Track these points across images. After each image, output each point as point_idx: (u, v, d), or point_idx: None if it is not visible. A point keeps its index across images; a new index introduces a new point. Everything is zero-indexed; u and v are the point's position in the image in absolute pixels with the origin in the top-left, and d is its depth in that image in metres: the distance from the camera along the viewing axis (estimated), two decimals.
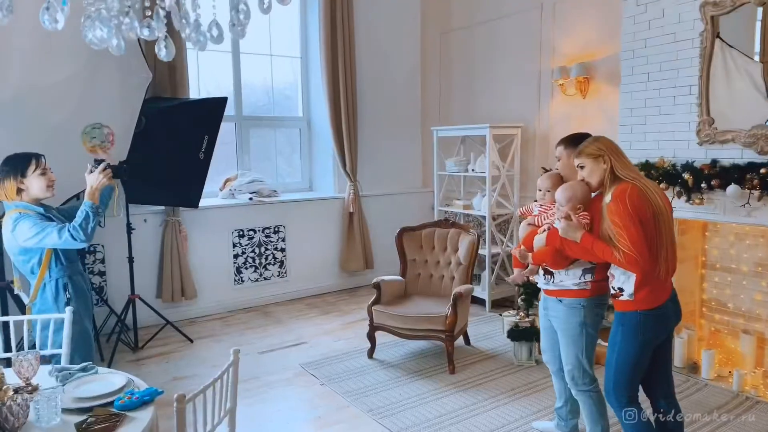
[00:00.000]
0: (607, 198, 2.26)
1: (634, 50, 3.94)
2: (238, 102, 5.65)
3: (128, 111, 3.82)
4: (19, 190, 2.54)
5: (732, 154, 3.44)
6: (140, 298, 4.38)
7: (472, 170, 5.27)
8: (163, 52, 1.76)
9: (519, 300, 4.48)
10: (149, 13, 1.63)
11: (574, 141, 2.57)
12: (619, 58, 4.11)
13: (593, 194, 2.47)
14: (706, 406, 3.27)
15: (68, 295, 2.58)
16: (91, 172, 2.65)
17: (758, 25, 3.37)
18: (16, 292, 2.88)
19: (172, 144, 4.29)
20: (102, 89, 3.68)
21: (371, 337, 4.05)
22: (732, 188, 3.26)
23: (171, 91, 4.77)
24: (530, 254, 2.60)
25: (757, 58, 3.41)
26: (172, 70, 4.75)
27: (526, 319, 4.32)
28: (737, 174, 3.30)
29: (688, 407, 3.22)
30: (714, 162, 3.45)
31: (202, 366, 4.00)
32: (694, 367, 3.72)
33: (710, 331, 3.96)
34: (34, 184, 2.56)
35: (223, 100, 4.48)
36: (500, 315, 4.81)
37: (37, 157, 2.58)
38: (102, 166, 2.67)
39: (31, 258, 2.55)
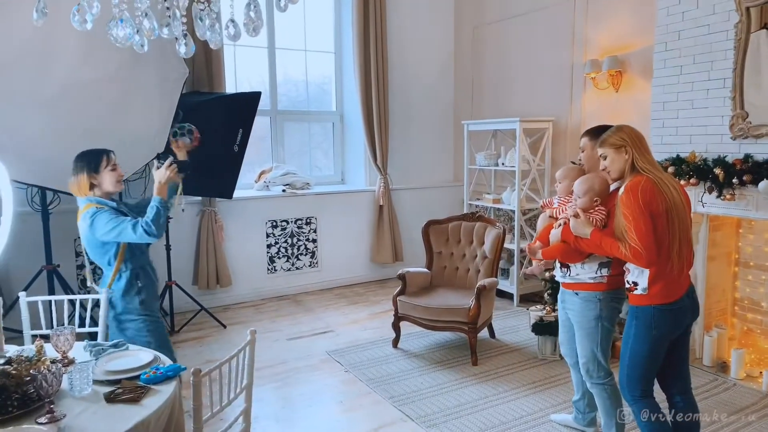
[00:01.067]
0: (621, 190, 2.26)
1: (667, 42, 3.86)
2: (273, 96, 5.80)
3: (166, 105, 4.00)
4: (92, 186, 2.65)
5: (766, 149, 3.34)
6: (177, 285, 4.59)
7: (502, 164, 5.26)
8: (183, 49, 1.87)
9: (546, 294, 4.47)
10: (168, 14, 1.73)
11: (599, 132, 2.56)
12: (652, 51, 4.04)
13: (613, 187, 2.47)
14: (733, 406, 3.20)
15: (140, 284, 2.72)
16: (158, 168, 2.70)
17: None
18: (89, 285, 3.03)
19: (207, 137, 4.44)
20: (141, 85, 3.87)
21: (396, 327, 4.13)
22: (764, 183, 3.18)
23: (208, 86, 4.95)
24: (540, 251, 2.62)
25: None
26: (209, 65, 4.93)
27: (552, 314, 4.31)
28: None
29: (714, 406, 3.17)
30: (747, 157, 3.37)
31: (234, 350, 4.15)
32: (723, 366, 3.65)
33: (742, 331, 3.86)
34: (106, 179, 2.66)
35: (257, 95, 4.62)
36: (527, 309, 4.82)
37: (108, 153, 2.70)
38: (168, 161, 2.72)
39: (108, 251, 2.67)
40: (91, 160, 2.66)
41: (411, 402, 3.33)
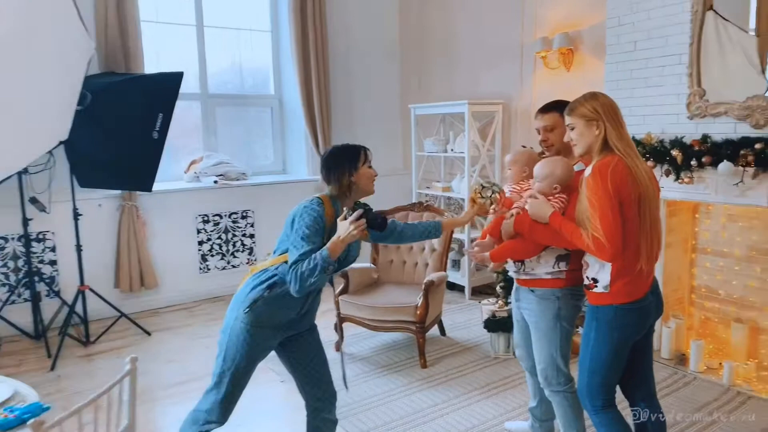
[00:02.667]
0: (588, 171, 1.96)
1: (620, 17, 3.62)
2: (203, 79, 5.30)
3: (67, 85, 3.48)
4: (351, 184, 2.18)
5: (725, 128, 3.15)
6: (91, 289, 4.08)
7: (452, 150, 4.97)
8: None
9: (498, 287, 4.21)
10: None
11: (565, 106, 2.25)
12: (605, 27, 3.80)
13: (577, 167, 2.18)
14: (695, 402, 3.02)
15: (266, 294, 2.10)
16: (344, 218, 2.02)
17: None
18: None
19: (121, 122, 3.96)
20: (34, 60, 3.33)
21: (339, 329, 3.78)
22: (724, 165, 2.98)
23: (125, 66, 4.43)
24: (487, 254, 2.30)
25: (752, 32, 3.13)
26: (124, 43, 4.41)
27: (505, 308, 4.06)
28: (730, 150, 3.02)
29: (674, 404, 2.98)
30: (705, 137, 3.17)
31: (157, 361, 3.72)
32: (682, 359, 3.47)
33: (700, 320, 3.71)
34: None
35: (178, 75, 4.14)
36: (479, 303, 4.56)
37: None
38: (356, 214, 2.00)
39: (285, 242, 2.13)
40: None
41: (353, 415, 2.99)
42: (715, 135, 3.15)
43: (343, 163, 2.18)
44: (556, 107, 2.29)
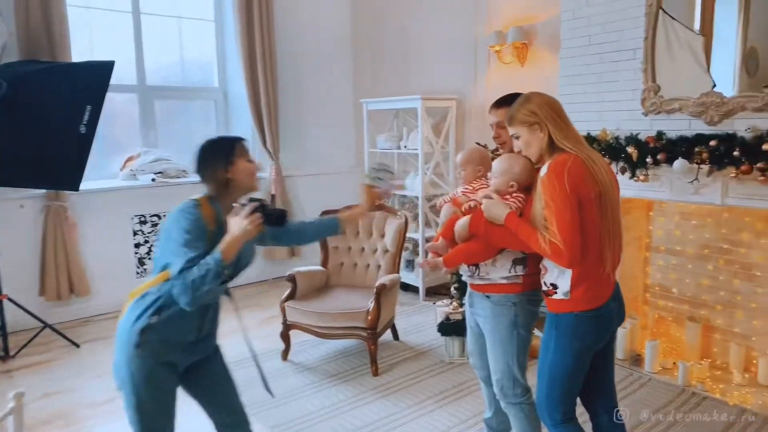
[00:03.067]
0: (543, 170, 1.82)
1: (574, 10, 3.53)
2: (141, 70, 4.95)
3: None
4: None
5: (679, 125, 3.10)
6: (10, 299, 3.71)
7: (405, 147, 4.80)
8: None
9: (453, 288, 4.08)
10: None
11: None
12: (559, 20, 3.71)
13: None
14: (651, 405, 2.95)
15: (154, 320, 1.84)
16: (236, 213, 1.79)
17: None
18: None
19: (44, 115, 3.61)
20: None
21: (285, 337, 3.56)
22: (679, 162, 2.92)
23: (49, 54, 4.05)
24: (440, 260, 2.14)
25: (697, 32, 3.11)
26: (49, 29, 4.03)
27: (459, 310, 3.93)
28: (685, 147, 2.96)
29: (631, 407, 2.89)
30: (660, 134, 3.10)
31: (83, 377, 3.40)
32: (637, 359, 3.42)
33: (654, 319, 3.67)
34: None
35: (108, 65, 3.82)
36: (434, 304, 4.42)
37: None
38: (250, 207, 1.76)
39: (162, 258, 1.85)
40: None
41: (298, 431, 2.78)
42: (669, 132, 3.09)
43: (217, 158, 1.92)
44: (510, 102, 2.13)
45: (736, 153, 2.73)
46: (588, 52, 3.46)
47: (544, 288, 1.94)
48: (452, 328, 3.51)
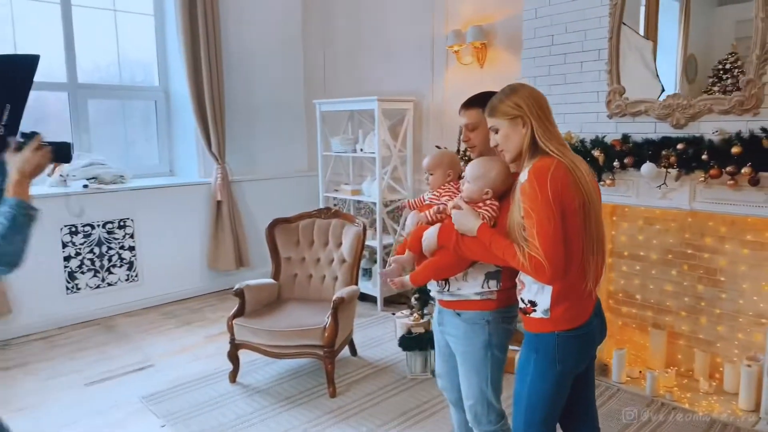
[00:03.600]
0: (523, 175, 1.63)
1: (536, 9, 3.41)
2: (71, 66, 4.53)
3: None
4: None
5: (645, 128, 3.02)
6: None
7: (361, 150, 4.58)
8: None
9: (413, 299, 3.88)
10: None
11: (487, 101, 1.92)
12: (520, 20, 3.59)
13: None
14: (622, 419, 2.84)
15: None
16: (18, 149, 1.58)
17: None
18: None
19: None
20: None
21: (233, 358, 3.26)
22: (647, 166, 2.83)
23: None
24: (407, 278, 1.94)
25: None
26: None
27: (420, 321, 3.74)
28: (651, 150, 2.88)
29: (601, 420, 2.76)
30: (625, 137, 3.02)
31: (2, 410, 2.99)
32: (604, 369, 3.31)
33: (618, 326, 3.58)
34: None
35: (32, 59, 3.39)
36: (392, 315, 4.21)
37: None
38: (36, 141, 1.60)
39: None
40: None
41: None
42: (634, 135, 3.01)
43: None
44: (479, 102, 1.94)
45: (704, 157, 2.66)
46: (552, 52, 3.35)
47: (521, 305, 1.76)
48: (414, 342, 3.31)
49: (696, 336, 3.26)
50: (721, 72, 2.87)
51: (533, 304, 1.70)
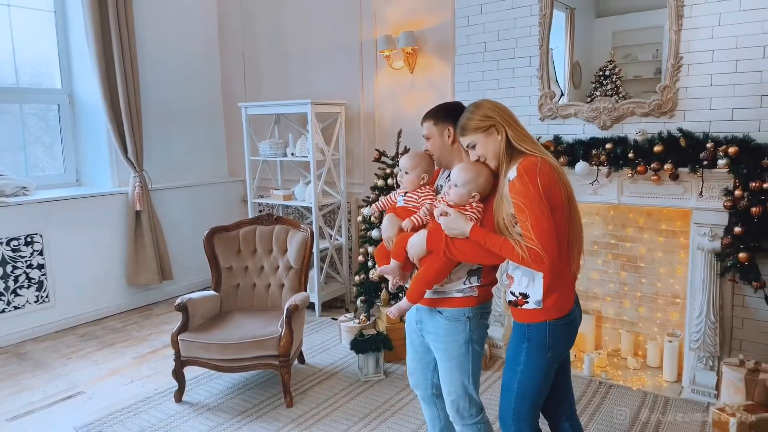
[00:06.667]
0: (511, 173, 1.71)
1: (469, 17, 3.58)
2: None
3: None
4: None
5: (574, 130, 3.27)
6: None
7: (292, 154, 4.50)
8: None
9: (358, 302, 3.89)
10: None
11: (447, 112, 1.99)
12: (450, 27, 3.75)
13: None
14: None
15: None
16: None
17: None
18: None
19: None
20: None
21: (179, 375, 3.07)
22: (581, 165, 3.07)
23: None
24: (404, 303, 1.96)
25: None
26: None
27: (367, 323, 3.77)
28: (582, 150, 3.13)
29: None
30: (557, 138, 3.25)
31: None
32: None
33: None
34: None
35: None
36: (334, 320, 4.20)
37: None
38: None
39: None
40: None
41: None
42: (565, 136, 3.25)
43: None
44: (429, 115, 2.03)
45: (630, 155, 2.94)
46: (485, 58, 3.53)
47: (511, 298, 1.85)
48: (367, 344, 3.32)
49: (621, 318, 3.58)
50: (602, 78, 3.22)
51: (525, 296, 1.80)
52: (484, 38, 3.53)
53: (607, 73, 3.21)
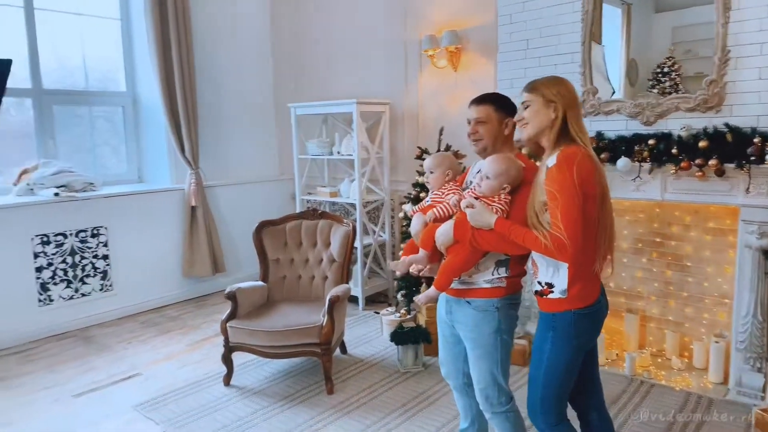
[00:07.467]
0: (551, 160, 1.75)
1: (511, 15, 3.60)
2: (36, 71, 4.38)
3: None
4: None
5: (617, 126, 3.24)
6: None
7: (338, 152, 4.64)
8: None
9: (399, 296, 3.98)
10: None
11: (506, 103, 2.07)
12: (493, 26, 3.78)
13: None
14: (607, 396, 2.99)
15: None
16: None
17: None
18: None
19: None
20: None
21: (227, 360, 3.25)
22: (623, 161, 3.05)
23: None
24: (432, 290, 2.03)
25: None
26: None
27: (408, 316, 3.85)
28: (625, 146, 3.10)
29: None
30: (600, 134, 3.23)
31: None
32: None
33: None
34: None
35: (4, 63, 3.31)
36: (377, 313, 4.30)
37: None
38: None
39: None
40: None
41: None
42: (607, 132, 3.23)
43: None
44: (491, 100, 2.09)
45: (674, 151, 2.89)
46: (527, 56, 3.54)
47: (537, 288, 1.89)
48: (406, 336, 3.40)
49: (666, 318, 3.50)
50: (660, 75, 3.14)
51: (550, 285, 1.84)
52: (526, 35, 3.54)
53: (666, 69, 3.13)
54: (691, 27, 3.12)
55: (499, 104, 2.05)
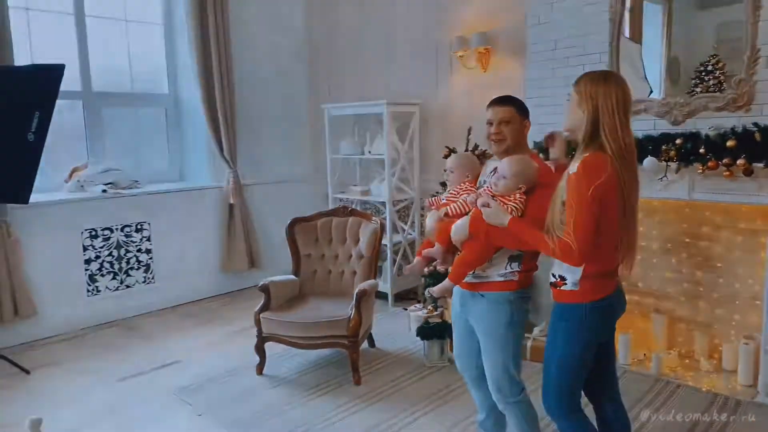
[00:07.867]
0: (573, 167, 1.79)
1: (539, 15, 3.64)
2: (86, 75, 4.65)
3: None
4: None
5: (644, 125, 3.24)
6: None
7: (369, 152, 4.76)
8: None
9: (426, 292, 4.06)
10: None
11: (525, 107, 2.17)
12: (521, 26, 3.82)
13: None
14: (631, 396, 3.03)
15: None
16: None
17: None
18: None
19: None
20: None
21: (260, 350, 3.41)
22: (649, 160, 3.05)
23: None
24: (447, 283, 2.12)
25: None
26: None
27: (435, 313, 3.92)
28: (651, 146, 3.10)
29: None
30: None
31: (44, 407, 3.09)
32: None
33: None
34: None
35: (58, 68, 3.56)
36: (405, 310, 4.39)
37: None
38: None
39: None
40: None
41: None
42: (635, 132, 3.21)
43: None
44: (512, 101, 2.16)
45: (701, 150, 2.88)
46: (554, 56, 3.57)
47: (552, 279, 1.96)
48: (432, 331, 3.48)
49: (695, 319, 3.48)
50: (703, 73, 3.10)
51: (563, 278, 1.90)
52: (554, 35, 3.57)
53: (710, 68, 3.08)
54: (737, 23, 2.99)
55: (519, 105, 2.13)
